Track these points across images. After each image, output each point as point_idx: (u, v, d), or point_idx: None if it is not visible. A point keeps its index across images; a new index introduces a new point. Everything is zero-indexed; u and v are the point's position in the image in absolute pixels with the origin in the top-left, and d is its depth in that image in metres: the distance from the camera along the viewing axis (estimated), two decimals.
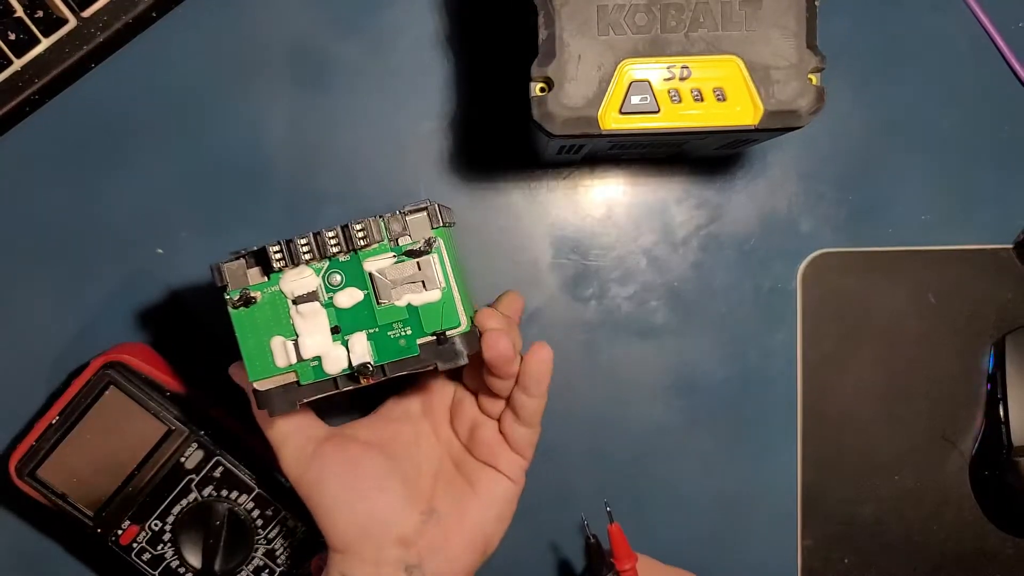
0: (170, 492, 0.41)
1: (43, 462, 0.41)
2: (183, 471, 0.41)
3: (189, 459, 0.41)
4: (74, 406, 0.41)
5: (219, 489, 0.41)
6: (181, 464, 0.41)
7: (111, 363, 0.41)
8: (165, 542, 0.41)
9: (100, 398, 0.40)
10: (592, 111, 0.33)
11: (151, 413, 0.41)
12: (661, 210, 0.45)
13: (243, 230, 0.45)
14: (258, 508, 0.42)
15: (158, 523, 0.41)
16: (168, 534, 0.41)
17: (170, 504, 0.41)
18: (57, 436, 0.40)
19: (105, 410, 0.41)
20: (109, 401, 0.41)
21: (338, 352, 0.33)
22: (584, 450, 0.46)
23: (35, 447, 0.40)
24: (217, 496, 0.41)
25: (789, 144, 0.45)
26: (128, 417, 0.41)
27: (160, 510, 0.41)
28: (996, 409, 0.45)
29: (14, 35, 0.41)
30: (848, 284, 0.45)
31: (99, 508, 0.41)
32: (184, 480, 0.41)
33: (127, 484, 0.41)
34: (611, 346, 0.45)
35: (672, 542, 0.46)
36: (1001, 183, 0.45)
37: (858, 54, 0.45)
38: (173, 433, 0.41)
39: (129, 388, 0.41)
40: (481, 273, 0.45)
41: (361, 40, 0.45)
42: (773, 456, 0.46)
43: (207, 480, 0.41)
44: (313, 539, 0.42)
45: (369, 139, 0.45)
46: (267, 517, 0.42)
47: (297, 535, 0.42)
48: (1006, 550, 0.46)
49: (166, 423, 0.41)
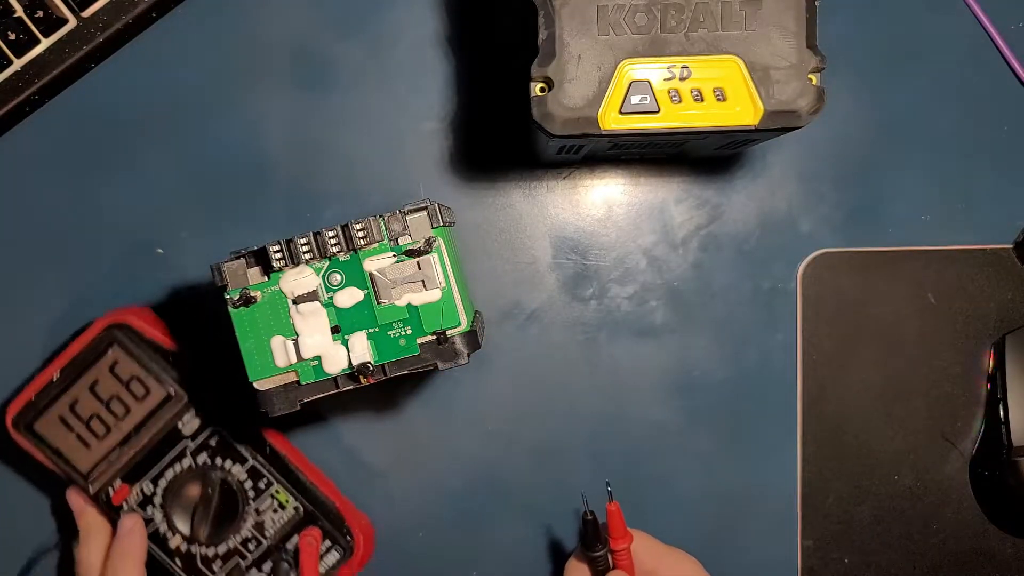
0: (164, 456, 0.41)
1: (40, 416, 0.40)
2: (179, 436, 0.41)
3: (186, 425, 0.41)
4: (75, 363, 0.40)
5: (213, 457, 0.41)
6: (178, 429, 0.41)
7: (115, 323, 0.41)
8: (155, 505, 0.41)
9: (102, 357, 0.40)
10: (592, 111, 0.33)
11: (152, 376, 0.41)
12: (661, 210, 0.45)
13: (243, 230, 0.45)
14: (251, 479, 0.42)
15: (150, 486, 0.41)
16: (159, 498, 0.41)
17: (163, 468, 0.41)
18: (56, 392, 0.40)
19: (106, 369, 0.41)
20: (111, 360, 0.40)
21: (338, 352, 0.33)
22: (584, 450, 0.46)
23: (34, 401, 0.40)
24: (211, 464, 0.41)
25: (789, 144, 0.45)
26: (128, 378, 0.41)
27: (153, 473, 0.41)
28: (996, 409, 0.45)
29: (14, 35, 0.41)
30: (848, 284, 0.45)
31: (92, 466, 0.41)
32: (179, 445, 0.41)
33: (122, 445, 0.41)
34: (611, 346, 0.45)
35: (672, 542, 0.46)
36: (1001, 183, 0.45)
37: (858, 54, 0.45)
38: (173, 398, 0.41)
39: (132, 349, 0.40)
40: (481, 273, 0.45)
41: (361, 40, 0.45)
42: (773, 456, 0.46)
43: (203, 447, 0.41)
44: (304, 515, 0.42)
45: (369, 139, 0.45)
46: (259, 489, 0.42)
47: (288, 510, 0.42)
48: (1006, 550, 0.46)
49: (166, 387, 0.41)
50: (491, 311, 0.45)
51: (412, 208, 0.33)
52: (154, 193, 0.45)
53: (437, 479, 0.45)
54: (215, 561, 0.42)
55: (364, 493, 0.45)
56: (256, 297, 0.33)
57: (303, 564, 0.41)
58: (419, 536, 0.46)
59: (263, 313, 0.33)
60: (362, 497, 0.45)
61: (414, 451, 0.46)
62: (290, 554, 0.42)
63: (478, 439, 0.46)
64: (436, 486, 0.45)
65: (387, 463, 0.46)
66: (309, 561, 0.41)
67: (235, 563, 0.42)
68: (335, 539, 0.42)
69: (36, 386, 0.41)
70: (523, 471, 0.46)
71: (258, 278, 0.33)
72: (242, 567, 0.42)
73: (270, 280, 0.33)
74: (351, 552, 0.42)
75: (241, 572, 0.42)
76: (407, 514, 0.46)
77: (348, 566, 0.42)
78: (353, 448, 0.45)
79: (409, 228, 0.33)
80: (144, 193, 0.45)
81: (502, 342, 0.45)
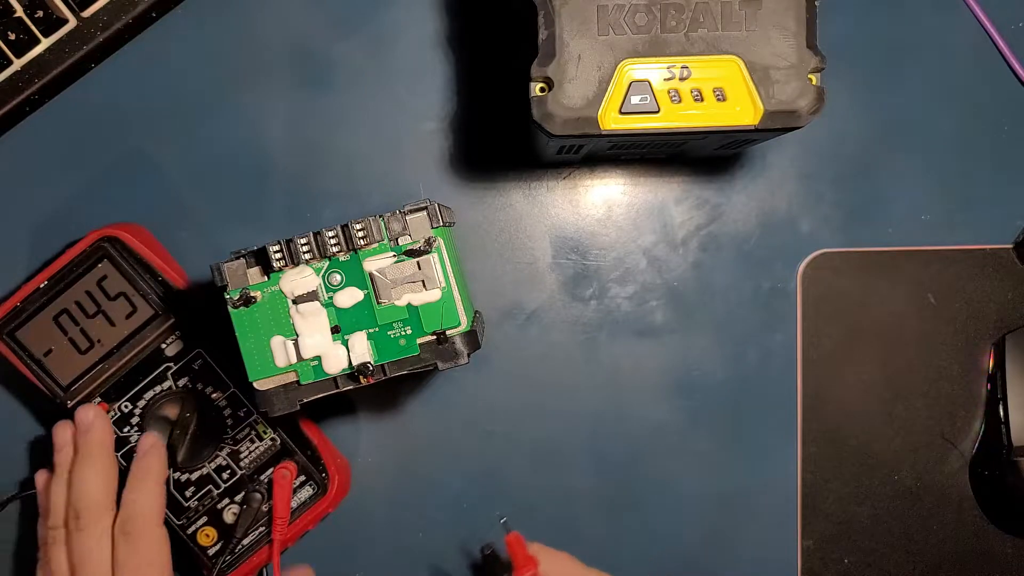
0: (145, 377, 0.41)
1: (24, 325, 0.40)
2: (162, 358, 0.41)
3: (170, 347, 0.41)
4: (64, 273, 0.40)
5: (195, 382, 0.41)
6: (161, 350, 0.41)
7: (109, 237, 0.40)
8: (132, 425, 0.41)
9: (92, 270, 0.40)
10: (592, 111, 0.33)
11: (140, 294, 0.40)
12: (661, 210, 0.45)
13: (243, 230, 0.45)
14: (230, 407, 0.41)
15: (128, 405, 0.41)
16: (136, 418, 0.41)
17: (143, 388, 0.41)
18: (42, 301, 0.40)
19: (94, 283, 0.40)
20: (100, 274, 0.40)
21: (338, 352, 0.33)
22: (584, 450, 0.46)
23: (19, 308, 0.40)
24: (192, 388, 0.41)
25: (789, 144, 0.45)
26: (116, 294, 0.40)
27: (132, 393, 0.41)
28: (996, 409, 0.45)
29: (14, 35, 0.41)
30: (848, 284, 0.45)
31: (72, 381, 0.40)
32: (161, 367, 0.41)
33: (103, 361, 0.40)
34: (611, 346, 0.45)
35: (672, 542, 0.46)
36: (1001, 183, 0.45)
37: (858, 54, 0.45)
38: (159, 318, 0.40)
39: (122, 265, 0.40)
40: (481, 273, 0.45)
41: (361, 40, 0.45)
42: (773, 456, 0.46)
43: (185, 371, 0.41)
44: (280, 448, 0.42)
45: (369, 139, 0.45)
46: (238, 418, 0.41)
47: (265, 441, 0.42)
48: (1006, 550, 0.46)
49: (153, 306, 0.40)
50: (491, 311, 0.45)
51: (412, 208, 0.33)
52: (154, 193, 0.45)
53: (437, 479, 0.45)
54: (188, 487, 0.41)
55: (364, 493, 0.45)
56: (256, 297, 0.33)
57: (275, 496, 0.41)
58: (419, 536, 0.46)
59: (263, 313, 0.33)
60: (362, 496, 0.45)
61: (414, 451, 0.46)
62: (263, 485, 0.41)
63: (478, 439, 0.46)
64: (436, 486, 0.45)
65: (387, 463, 0.46)
66: (281, 493, 0.41)
67: (207, 490, 0.41)
68: (310, 474, 0.42)
69: (22, 293, 0.40)
70: (523, 471, 0.46)
71: (258, 278, 0.33)
72: (214, 494, 0.41)
73: (270, 280, 0.33)
74: (325, 489, 0.42)
75: (213, 499, 0.41)
76: (407, 514, 0.46)
77: (321, 502, 0.42)
78: (353, 448, 0.45)
79: (409, 228, 0.33)
80: (144, 193, 0.44)
81: (502, 342, 0.45)
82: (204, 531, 0.41)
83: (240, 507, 0.41)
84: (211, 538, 0.41)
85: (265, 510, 0.41)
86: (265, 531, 0.41)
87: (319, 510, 0.42)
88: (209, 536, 0.41)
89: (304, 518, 0.42)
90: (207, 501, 0.41)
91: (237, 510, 0.41)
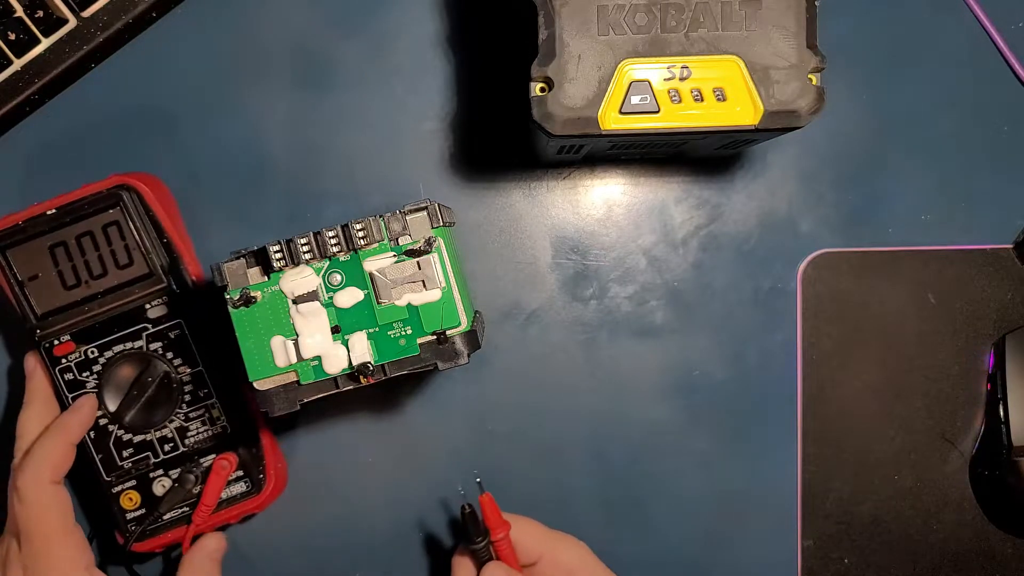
0: (120, 330, 0.41)
1: (18, 245, 0.40)
2: (142, 317, 0.41)
3: (153, 309, 0.41)
4: (75, 207, 0.40)
5: (167, 350, 0.41)
6: (144, 310, 0.41)
7: (128, 186, 0.41)
8: (93, 372, 0.41)
9: (102, 213, 0.40)
10: (592, 111, 0.33)
11: (140, 249, 0.40)
12: (661, 210, 0.45)
13: (243, 230, 0.45)
14: (193, 384, 0.41)
15: (95, 351, 0.41)
16: (99, 366, 0.41)
17: (115, 341, 0.41)
18: (45, 227, 0.40)
19: (100, 226, 0.40)
20: (109, 219, 0.40)
21: (338, 352, 0.33)
22: (584, 450, 0.46)
23: (19, 227, 0.40)
24: (161, 355, 0.41)
25: (789, 144, 0.45)
26: (117, 242, 0.40)
27: (103, 341, 0.41)
28: (996, 409, 0.45)
29: (14, 35, 0.41)
30: (848, 284, 0.45)
31: (48, 312, 0.41)
32: (139, 326, 0.41)
33: (84, 303, 0.41)
34: (611, 346, 0.45)
35: (672, 541, 0.46)
36: (1001, 183, 0.45)
37: (858, 54, 0.45)
38: (151, 278, 0.40)
39: (133, 216, 0.40)
40: (481, 273, 0.45)
41: (361, 40, 0.45)
42: (773, 456, 0.46)
43: (160, 336, 0.41)
44: (228, 437, 0.42)
45: (369, 139, 0.45)
46: (197, 397, 0.41)
47: (216, 427, 0.42)
48: (1006, 550, 0.46)
49: (149, 265, 0.40)
50: (491, 311, 0.45)
51: (412, 208, 0.33)
52: None
53: (437, 479, 0.45)
54: (127, 447, 0.41)
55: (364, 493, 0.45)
56: (256, 297, 0.33)
57: (209, 482, 0.41)
58: (419, 536, 0.46)
59: (263, 313, 0.33)
60: (362, 496, 0.45)
61: (414, 451, 0.46)
62: (201, 469, 0.42)
63: (478, 439, 0.46)
64: (436, 486, 0.45)
65: (387, 463, 0.46)
66: (216, 481, 0.41)
67: (145, 456, 0.41)
68: (248, 471, 0.42)
69: (28, 213, 0.40)
70: (523, 471, 0.46)
71: (258, 278, 0.33)
72: (151, 462, 0.41)
73: (270, 280, 0.33)
74: (258, 490, 0.42)
75: (148, 467, 0.41)
76: (407, 514, 0.46)
77: (251, 501, 0.42)
78: (353, 448, 0.45)
79: (409, 228, 0.33)
80: None
81: (502, 342, 0.45)
82: (129, 494, 0.42)
83: (172, 483, 0.41)
84: (134, 503, 0.42)
85: (195, 492, 0.41)
86: (188, 512, 0.42)
87: (246, 508, 0.42)
88: (132, 500, 0.42)
89: (229, 511, 0.42)
90: (141, 467, 0.41)
91: (168, 484, 0.41)
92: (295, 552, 0.46)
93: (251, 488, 0.42)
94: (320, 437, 0.45)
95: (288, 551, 0.46)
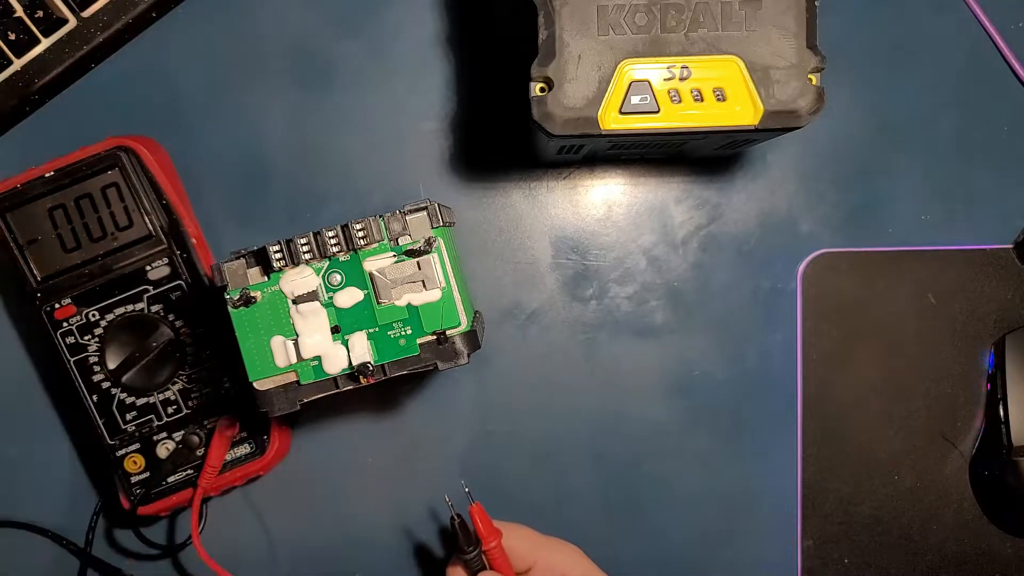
0: (122, 293, 0.40)
1: (18, 208, 0.40)
2: (143, 279, 0.41)
3: (154, 271, 0.40)
4: (73, 170, 0.40)
5: (168, 312, 0.41)
6: (144, 272, 0.40)
7: (126, 148, 0.40)
8: (94, 335, 0.41)
9: (101, 175, 0.40)
10: (592, 111, 0.33)
11: (140, 211, 0.40)
12: (661, 210, 0.45)
13: (243, 230, 0.45)
14: (194, 346, 0.41)
15: (96, 314, 0.40)
16: (100, 329, 0.40)
17: (116, 303, 0.41)
18: (43, 189, 0.40)
19: (99, 188, 0.40)
20: (108, 180, 0.40)
21: (338, 352, 0.33)
22: (584, 450, 0.46)
23: (19, 190, 0.40)
24: (163, 317, 0.41)
25: (789, 144, 0.45)
26: (117, 204, 0.40)
27: (103, 304, 0.40)
28: (996, 409, 0.45)
29: (14, 35, 0.41)
30: (848, 284, 0.45)
31: (49, 275, 0.40)
32: (140, 288, 0.41)
33: (85, 266, 0.40)
34: (611, 346, 0.45)
35: (672, 542, 0.46)
36: (1001, 183, 0.45)
37: (858, 54, 0.45)
38: (151, 239, 0.40)
39: (132, 178, 0.40)
40: (481, 273, 0.45)
41: (361, 40, 0.45)
42: (773, 456, 0.46)
43: (161, 298, 0.41)
44: (232, 399, 0.41)
45: (369, 139, 0.45)
46: (199, 359, 0.41)
47: (220, 388, 0.41)
48: (1006, 550, 0.46)
49: (149, 227, 0.40)
50: (491, 311, 0.45)
51: (412, 208, 0.33)
52: None
53: (437, 479, 0.45)
54: (130, 411, 0.41)
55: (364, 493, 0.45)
56: (256, 297, 0.33)
57: (213, 444, 0.41)
58: (419, 536, 0.46)
59: (263, 313, 0.33)
60: (362, 497, 0.45)
61: (414, 451, 0.46)
62: (204, 431, 0.41)
63: (478, 439, 0.46)
64: (436, 486, 0.45)
65: (387, 463, 0.46)
66: (220, 442, 0.41)
67: (149, 419, 0.41)
68: (252, 433, 0.42)
69: (26, 176, 0.40)
70: (523, 471, 0.46)
71: (258, 278, 0.33)
72: (154, 425, 0.41)
73: (270, 280, 0.33)
74: (262, 452, 0.42)
75: (151, 430, 0.41)
76: (407, 514, 0.46)
77: (255, 463, 0.42)
78: (353, 448, 0.45)
79: (409, 228, 0.33)
80: None
81: (502, 342, 0.45)
82: (133, 457, 0.41)
83: (176, 445, 0.41)
84: (138, 466, 0.41)
85: (199, 455, 0.41)
86: (193, 475, 0.41)
87: (251, 470, 0.42)
88: (137, 464, 0.41)
89: (234, 473, 0.42)
90: (145, 430, 0.41)
91: (172, 447, 0.41)
92: (295, 552, 0.46)
93: (255, 449, 0.42)
94: (320, 437, 0.45)
95: (288, 551, 0.46)
